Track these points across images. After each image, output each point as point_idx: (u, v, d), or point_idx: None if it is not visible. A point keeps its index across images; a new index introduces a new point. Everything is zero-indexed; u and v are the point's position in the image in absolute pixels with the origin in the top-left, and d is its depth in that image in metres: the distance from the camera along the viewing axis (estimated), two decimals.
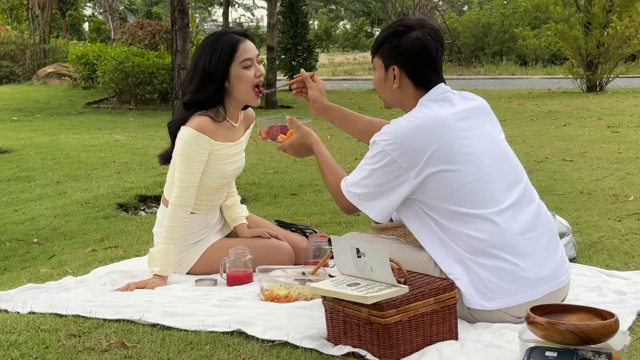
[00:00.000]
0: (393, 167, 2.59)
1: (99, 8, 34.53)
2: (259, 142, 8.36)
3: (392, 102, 2.83)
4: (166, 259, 3.14)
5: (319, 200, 5.04)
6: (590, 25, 14.37)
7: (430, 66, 2.71)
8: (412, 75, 2.71)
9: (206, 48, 3.18)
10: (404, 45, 2.69)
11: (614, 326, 2.12)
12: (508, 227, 2.57)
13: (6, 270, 3.92)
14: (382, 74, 2.77)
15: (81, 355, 2.33)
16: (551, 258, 2.63)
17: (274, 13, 13.99)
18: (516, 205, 2.63)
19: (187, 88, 3.23)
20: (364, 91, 17.26)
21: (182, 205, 3.17)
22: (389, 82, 2.76)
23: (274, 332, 2.46)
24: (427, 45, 2.68)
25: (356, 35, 44.78)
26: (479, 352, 2.33)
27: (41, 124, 10.76)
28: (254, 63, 3.19)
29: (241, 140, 3.35)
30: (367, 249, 2.34)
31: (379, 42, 2.76)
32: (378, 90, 2.85)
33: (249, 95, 3.21)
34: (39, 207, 5.30)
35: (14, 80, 19.43)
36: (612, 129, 8.35)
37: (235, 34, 3.22)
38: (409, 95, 2.74)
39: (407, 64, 2.70)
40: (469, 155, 2.60)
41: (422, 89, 2.72)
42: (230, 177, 3.36)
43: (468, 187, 2.57)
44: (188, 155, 3.15)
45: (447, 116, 2.64)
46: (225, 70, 3.15)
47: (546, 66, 25.17)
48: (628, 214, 4.24)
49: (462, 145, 2.60)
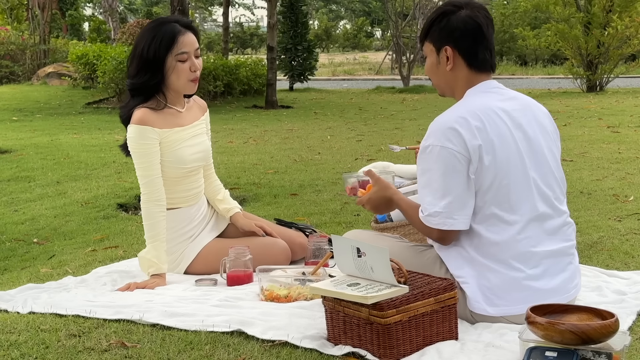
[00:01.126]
0: (458, 161, 2.47)
1: (99, 8, 34.54)
2: (259, 142, 8.36)
3: (445, 88, 2.70)
4: (157, 257, 3.15)
5: (319, 200, 5.04)
6: (591, 25, 14.38)
7: (483, 44, 2.61)
8: (465, 54, 2.60)
9: (147, 33, 3.18)
10: (454, 24, 2.59)
11: (614, 326, 2.12)
12: (528, 238, 2.50)
13: (6, 270, 3.92)
14: (434, 59, 2.66)
15: (81, 355, 2.33)
16: (562, 272, 2.58)
17: (274, 13, 13.99)
18: (543, 216, 2.55)
19: (128, 70, 3.26)
20: (364, 91, 17.26)
21: (152, 200, 3.17)
22: (442, 66, 2.64)
23: (274, 332, 2.46)
24: (478, 21, 2.59)
25: (356, 35, 44.78)
26: (479, 352, 2.33)
27: (41, 124, 10.76)
28: (190, 57, 3.19)
29: (194, 124, 3.34)
30: (367, 248, 2.34)
31: (427, 25, 2.67)
32: (430, 76, 2.72)
33: (185, 86, 3.23)
34: (39, 207, 5.30)
35: (14, 80, 19.44)
36: (612, 129, 8.35)
37: (178, 23, 3.20)
38: (461, 78, 2.63)
39: (460, 42, 2.60)
40: (514, 154, 2.52)
41: (475, 70, 2.61)
42: (192, 162, 3.30)
43: (506, 187, 2.49)
44: (139, 150, 3.17)
45: (494, 106, 2.55)
46: (162, 59, 3.16)
47: (546, 66, 25.20)
48: (628, 214, 4.24)
49: (509, 141, 2.52)
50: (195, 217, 3.38)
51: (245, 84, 14.73)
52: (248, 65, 15.14)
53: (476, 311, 2.53)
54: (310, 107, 13.47)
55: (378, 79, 23.42)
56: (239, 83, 14.54)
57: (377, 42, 47.01)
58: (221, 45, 20.68)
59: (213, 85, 13.62)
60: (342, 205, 4.81)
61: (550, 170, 2.61)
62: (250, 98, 14.52)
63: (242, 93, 14.68)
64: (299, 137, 8.66)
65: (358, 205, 2.87)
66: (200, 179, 3.42)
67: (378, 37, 50.33)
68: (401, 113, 11.92)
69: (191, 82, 3.22)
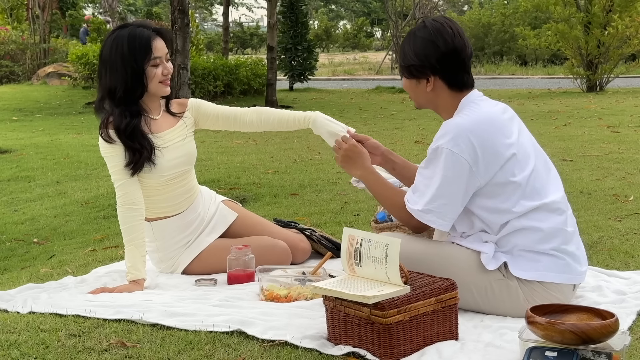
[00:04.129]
0: (463, 167, 2.54)
1: (99, 8, 34.54)
2: (259, 142, 8.36)
3: (425, 104, 2.77)
4: (133, 265, 3.09)
5: (319, 200, 5.04)
6: (591, 25, 14.38)
7: (461, 67, 2.67)
8: (445, 79, 2.67)
9: (122, 44, 3.11)
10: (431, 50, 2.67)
11: (614, 326, 2.12)
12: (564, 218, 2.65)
13: (6, 270, 3.93)
14: (414, 80, 2.73)
15: (81, 355, 2.33)
16: (583, 257, 2.71)
17: (274, 13, 13.99)
18: (564, 199, 2.71)
19: (102, 82, 3.18)
20: (364, 91, 17.27)
21: (126, 204, 3.13)
22: (422, 86, 2.71)
23: (274, 332, 2.46)
24: (455, 46, 2.64)
25: (356, 35, 44.80)
26: (479, 352, 2.33)
27: (41, 124, 10.76)
28: (162, 61, 3.17)
29: (171, 129, 3.26)
30: (379, 239, 2.34)
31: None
32: (409, 92, 2.79)
33: (157, 88, 3.19)
34: (39, 207, 5.30)
35: (14, 80, 19.45)
36: (612, 129, 8.35)
37: (147, 28, 3.16)
38: (443, 97, 2.70)
39: (438, 69, 2.66)
40: (525, 151, 2.63)
41: (456, 90, 2.68)
42: (171, 169, 3.23)
43: (530, 180, 2.60)
44: (109, 154, 3.14)
45: (496, 114, 2.65)
46: (142, 69, 3.12)
47: (546, 66, 25.20)
48: (628, 214, 4.24)
49: (517, 143, 2.63)
50: (189, 224, 3.32)
51: (245, 84, 14.74)
52: (248, 65, 15.15)
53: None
54: (310, 107, 13.47)
55: (378, 79, 23.42)
56: (239, 83, 14.56)
57: (377, 42, 47.04)
58: (221, 45, 20.70)
59: (213, 85, 13.63)
60: (342, 205, 4.81)
61: (547, 160, 2.77)
62: (250, 98, 14.53)
63: (242, 93, 14.70)
64: (299, 137, 8.66)
65: (350, 185, 2.99)
66: (188, 184, 3.34)
67: (378, 37, 50.36)
68: (401, 113, 11.92)
69: (160, 83, 3.17)
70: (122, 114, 3.13)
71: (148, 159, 3.14)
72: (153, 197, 3.23)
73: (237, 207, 3.55)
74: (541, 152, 2.76)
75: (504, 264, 2.61)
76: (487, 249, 2.60)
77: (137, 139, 3.13)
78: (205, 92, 13.16)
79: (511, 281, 2.60)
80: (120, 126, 3.11)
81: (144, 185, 3.19)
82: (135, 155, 3.12)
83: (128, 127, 3.12)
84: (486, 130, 2.57)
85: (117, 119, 3.13)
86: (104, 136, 3.14)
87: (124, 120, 3.12)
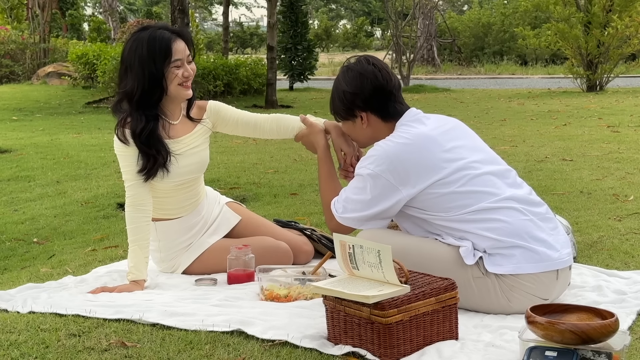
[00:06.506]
0: (385, 186, 2.71)
1: (99, 8, 34.54)
2: (259, 142, 8.36)
3: (366, 142, 2.97)
4: (135, 266, 3.09)
5: (319, 200, 5.02)
6: (591, 25, 14.37)
7: (390, 99, 2.85)
8: (377, 113, 2.86)
9: (141, 46, 3.09)
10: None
11: (614, 326, 2.12)
12: None
13: (6, 270, 3.93)
14: (350, 122, 2.93)
15: (81, 355, 2.33)
16: (558, 242, 2.73)
17: (274, 13, 13.99)
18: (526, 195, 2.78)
19: (121, 84, 3.19)
20: None
21: (135, 205, 3.12)
22: (358, 124, 2.91)
23: (274, 331, 2.46)
24: (379, 83, 2.82)
25: (356, 35, 44.77)
26: (479, 352, 2.33)
27: (41, 124, 10.76)
28: (183, 64, 3.14)
29: (188, 135, 3.25)
30: (370, 246, 2.34)
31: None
32: (350, 134, 3.01)
33: (177, 91, 3.16)
34: (39, 207, 5.30)
35: (14, 79, 19.44)
36: (612, 128, 8.35)
37: (167, 30, 3.14)
38: (380, 129, 2.88)
39: (368, 106, 2.85)
40: (457, 161, 2.72)
41: (390, 121, 2.86)
42: (183, 176, 3.22)
43: (474, 181, 2.69)
44: (123, 153, 3.14)
45: (429, 131, 2.77)
46: (162, 72, 3.09)
47: (546, 66, 25.19)
48: (628, 214, 4.24)
49: (450, 157, 2.72)
50: (192, 227, 3.32)
51: (245, 84, 14.73)
52: (248, 65, 15.14)
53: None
54: (310, 106, 13.46)
55: None
56: (239, 83, 14.54)
57: (377, 42, 47.01)
58: (221, 44, 20.69)
59: (213, 84, 13.62)
60: None
61: (495, 157, 2.87)
62: (250, 98, 14.52)
63: (242, 93, 14.68)
64: None
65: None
66: (196, 189, 3.33)
67: (378, 37, 50.33)
68: None
69: (180, 86, 3.14)
70: (139, 118, 3.11)
71: (162, 165, 3.13)
72: (159, 198, 3.23)
73: (241, 210, 3.54)
74: (489, 152, 2.87)
75: (482, 260, 2.65)
76: (465, 243, 2.67)
77: (153, 145, 3.10)
78: (205, 91, 13.15)
79: (489, 278, 2.64)
80: (136, 130, 3.09)
81: (152, 187, 3.18)
82: (149, 161, 3.10)
83: (144, 131, 3.09)
84: (415, 148, 2.71)
85: (134, 122, 3.11)
86: (119, 135, 3.13)
87: (140, 124, 3.10)
